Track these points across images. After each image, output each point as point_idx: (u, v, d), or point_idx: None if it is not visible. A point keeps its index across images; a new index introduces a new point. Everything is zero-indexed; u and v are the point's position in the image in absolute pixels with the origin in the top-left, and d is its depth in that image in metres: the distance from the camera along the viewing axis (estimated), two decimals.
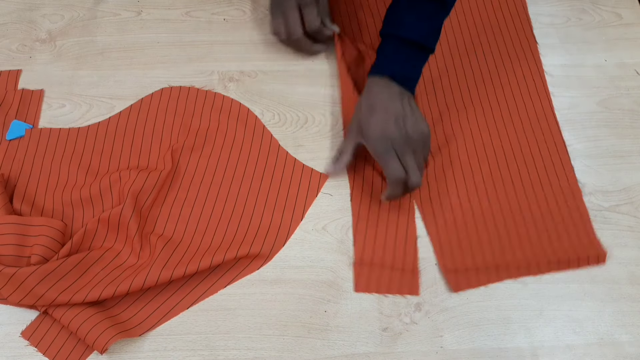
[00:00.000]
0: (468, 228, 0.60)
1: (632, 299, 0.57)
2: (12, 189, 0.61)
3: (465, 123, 0.66)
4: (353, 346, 0.54)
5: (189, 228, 0.60)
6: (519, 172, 0.63)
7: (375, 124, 0.56)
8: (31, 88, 0.68)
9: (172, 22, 0.74)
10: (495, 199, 0.61)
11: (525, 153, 0.64)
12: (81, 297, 0.52)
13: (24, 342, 0.53)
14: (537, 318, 0.56)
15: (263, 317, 0.55)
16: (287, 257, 0.58)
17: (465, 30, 0.74)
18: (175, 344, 0.54)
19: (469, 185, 0.62)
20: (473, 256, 0.58)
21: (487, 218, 0.60)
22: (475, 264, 0.58)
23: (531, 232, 0.59)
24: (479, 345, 0.54)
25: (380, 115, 0.55)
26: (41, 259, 0.54)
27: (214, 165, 0.63)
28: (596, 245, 0.59)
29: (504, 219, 0.60)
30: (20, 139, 0.65)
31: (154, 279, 0.54)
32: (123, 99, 0.68)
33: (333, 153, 0.64)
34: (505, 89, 0.68)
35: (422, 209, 0.61)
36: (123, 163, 0.63)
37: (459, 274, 0.57)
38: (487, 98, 0.68)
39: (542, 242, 0.59)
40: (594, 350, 0.54)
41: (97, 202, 0.60)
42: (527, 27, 0.74)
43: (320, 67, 0.71)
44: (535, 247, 0.58)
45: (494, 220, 0.60)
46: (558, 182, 0.62)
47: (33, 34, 0.73)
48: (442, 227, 0.60)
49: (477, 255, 0.58)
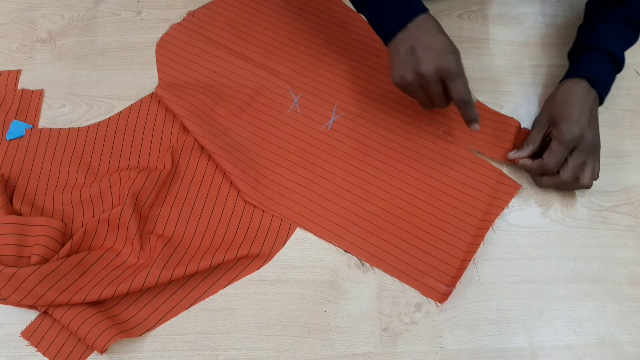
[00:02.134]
0: (412, 243, 0.59)
1: (632, 299, 0.57)
2: (12, 189, 0.61)
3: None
4: (353, 346, 0.54)
5: (189, 228, 0.60)
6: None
7: (571, 114, 0.59)
8: (31, 88, 0.68)
9: (172, 22, 0.74)
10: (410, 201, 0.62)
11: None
12: (81, 297, 0.52)
13: (24, 342, 0.53)
14: (537, 318, 0.56)
15: (263, 317, 0.55)
16: (287, 257, 0.58)
17: None
18: (175, 344, 0.54)
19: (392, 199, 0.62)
20: (433, 263, 0.58)
21: (418, 222, 0.60)
22: (440, 266, 0.58)
23: (456, 208, 0.61)
24: (479, 345, 0.54)
25: (577, 109, 0.59)
26: (41, 259, 0.54)
27: (214, 165, 0.63)
28: (504, 178, 0.63)
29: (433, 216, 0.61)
30: (20, 139, 0.65)
31: (154, 279, 0.54)
32: (123, 99, 0.68)
33: None
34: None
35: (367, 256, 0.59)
36: (123, 163, 0.63)
37: (437, 287, 0.57)
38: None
39: (468, 205, 0.61)
40: (594, 350, 0.54)
41: (97, 202, 0.60)
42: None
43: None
44: (464, 215, 0.60)
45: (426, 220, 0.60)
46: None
47: (33, 34, 0.73)
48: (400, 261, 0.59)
49: (435, 260, 0.58)
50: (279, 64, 0.70)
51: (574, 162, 0.59)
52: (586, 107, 0.60)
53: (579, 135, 0.58)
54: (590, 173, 0.60)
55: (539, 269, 0.58)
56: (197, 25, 0.73)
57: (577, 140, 0.58)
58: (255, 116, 0.66)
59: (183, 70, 0.70)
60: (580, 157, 0.59)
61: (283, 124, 0.66)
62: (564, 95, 0.61)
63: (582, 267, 0.59)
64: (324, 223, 0.60)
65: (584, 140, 0.58)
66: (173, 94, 0.66)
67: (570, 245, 0.60)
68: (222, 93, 0.68)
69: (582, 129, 0.58)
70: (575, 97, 0.60)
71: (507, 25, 0.75)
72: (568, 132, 0.58)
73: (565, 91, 0.62)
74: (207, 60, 0.70)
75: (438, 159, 0.64)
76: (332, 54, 0.71)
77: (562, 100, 0.61)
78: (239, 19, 0.74)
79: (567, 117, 0.59)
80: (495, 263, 0.59)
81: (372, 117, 0.66)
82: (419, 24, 0.57)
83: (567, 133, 0.58)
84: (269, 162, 0.63)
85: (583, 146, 0.59)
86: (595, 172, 0.61)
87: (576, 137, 0.58)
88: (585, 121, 0.59)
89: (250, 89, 0.68)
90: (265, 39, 0.72)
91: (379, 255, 0.58)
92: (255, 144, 0.64)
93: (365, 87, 0.69)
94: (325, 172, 0.63)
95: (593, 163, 0.60)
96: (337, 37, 0.72)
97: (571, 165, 0.59)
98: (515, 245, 0.60)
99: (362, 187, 0.62)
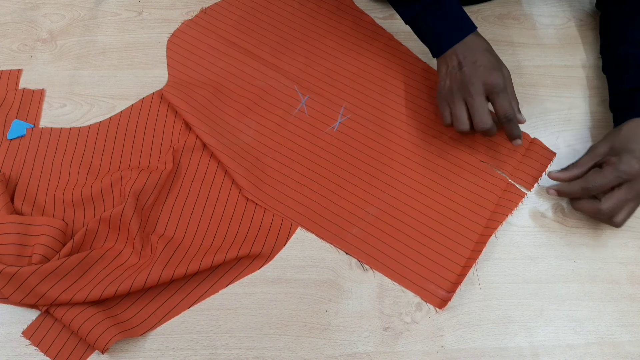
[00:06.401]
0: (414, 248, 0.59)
1: (632, 299, 0.57)
2: (13, 189, 0.61)
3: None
4: (354, 345, 0.54)
5: (190, 228, 0.60)
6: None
7: (636, 150, 0.56)
8: (32, 88, 0.68)
9: (173, 22, 0.74)
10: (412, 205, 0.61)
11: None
12: (82, 296, 0.52)
13: (25, 341, 0.53)
14: (537, 318, 0.56)
15: (264, 316, 0.55)
16: (288, 257, 0.58)
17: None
18: (176, 343, 0.54)
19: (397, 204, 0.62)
20: (434, 269, 0.58)
21: (420, 227, 0.60)
22: (442, 272, 0.58)
23: (458, 213, 0.61)
24: (480, 344, 0.54)
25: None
26: (42, 259, 0.54)
27: (215, 165, 0.63)
28: (509, 184, 0.62)
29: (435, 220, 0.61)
30: (21, 138, 0.65)
31: (155, 278, 0.54)
32: (124, 98, 0.68)
33: None
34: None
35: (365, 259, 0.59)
36: (124, 163, 0.63)
37: (437, 293, 0.57)
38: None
39: (471, 212, 0.61)
40: (594, 349, 0.55)
41: (98, 202, 0.60)
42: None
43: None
44: (468, 220, 0.60)
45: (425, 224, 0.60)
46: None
47: (34, 33, 0.73)
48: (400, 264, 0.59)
49: (436, 266, 0.58)
50: (288, 64, 0.70)
51: (620, 195, 0.56)
52: None
53: (637, 171, 0.55)
54: (626, 214, 0.57)
55: (539, 268, 0.59)
56: (209, 23, 0.74)
57: (633, 176, 0.55)
58: (263, 115, 0.66)
59: (192, 66, 0.70)
60: (628, 193, 0.56)
61: (289, 124, 0.66)
62: (632, 131, 0.58)
63: (582, 267, 0.59)
64: (325, 224, 0.60)
65: (638, 179, 0.55)
66: (180, 92, 0.66)
67: (570, 245, 0.60)
68: (230, 92, 0.68)
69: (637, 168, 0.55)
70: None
71: (507, 25, 0.75)
72: (627, 164, 0.55)
73: (634, 126, 0.58)
74: (216, 57, 0.71)
75: (443, 164, 0.64)
76: (341, 56, 0.71)
77: (629, 135, 0.58)
78: (250, 18, 0.74)
79: (630, 150, 0.56)
80: (496, 263, 0.59)
81: (378, 120, 0.66)
82: (469, 42, 0.59)
83: (625, 163, 0.55)
84: (274, 162, 0.63)
85: (635, 184, 0.56)
86: (630, 214, 0.57)
87: (634, 172, 0.55)
88: None
89: (259, 88, 0.68)
90: (276, 39, 0.72)
91: (380, 258, 0.58)
92: (261, 142, 0.65)
93: (373, 90, 0.69)
94: (329, 173, 0.63)
95: (634, 205, 0.57)
96: (347, 39, 0.72)
97: (616, 197, 0.56)
98: (515, 245, 0.60)
99: (365, 190, 0.62)
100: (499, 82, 0.57)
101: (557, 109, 0.69)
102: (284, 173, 0.63)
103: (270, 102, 0.67)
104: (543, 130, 0.67)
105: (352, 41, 0.72)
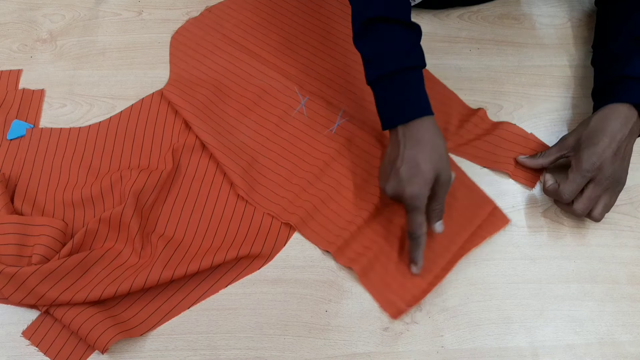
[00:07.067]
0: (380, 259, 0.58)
1: (632, 299, 0.57)
2: (13, 189, 0.61)
3: None
4: (354, 346, 0.54)
5: (190, 228, 0.60)
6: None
7: (597, 143, 0.56)
8: (32, 88, 0.68)
9: (173, 22, 0.74)
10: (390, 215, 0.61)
11: None
12: (82, 296, 0.52)
13: (25, 341, 0.53)
14: (537, 318, 0.56)
15: (264, 316, 0.55)
16: (288, 257, 0.58)
17: None
18: (176, 343, 0.54)
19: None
20: (400, 279, 0.57)
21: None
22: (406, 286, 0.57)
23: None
24: (480, 344, 0.54)
25: (606, 139, 0.56)
26: (42, 259, 0.54)
27: (215, 165, 0.63)
28: (490, 205, 0.61)
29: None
30: (21, 138, 0.65)
31: (155, 278, 0.54)
32: (124, 98, 0.68)
33: None
34: None
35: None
36: (124, 163, 0.63)
37: (396, 303, 0.56)
38: None
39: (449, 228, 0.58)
40: (594, 350, 0.55)
41: (98, 202, 0.60)
42: None
43: None
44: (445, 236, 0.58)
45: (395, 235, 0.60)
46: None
47: (34, 33, 0.73)
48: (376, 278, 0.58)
49: (402, 277, 0.57)
50: (289, 65, 0.70)
51: (589, 194, 0.56)
52: (617, 139, 0.56)
53: (597, 167, 0.55)
54: (602, 208, 0.57)
55: (539, 268, 0.59)
56: (213, 21, 0.74)
57: (595, 172, 0.56)
58: (262, 115, 0.66)
59: (195, 64, 0.70)
60: (596, 190, 0.56)
61: (288, 124, 0.66)
62: (599, 121, 0.58)
63: (582, 267, 0.59)
64: (316, 227, 0.59)
65: (602, 173, 0.55)
66: (181, 90, 0.66)
67: (570, 245, 0.60)
68: (230, 91, 0.68)
69: (602, 161, 0.55)
70: (610, 125, 0.57)
71: (507, 25, 0.75)
72: (587, 162, 0.56)
73: (602, 116, 0.58)
74: (219, 56, 0.71)
75: None
76: (343, 59, 0.71)
77: (595, 126, 0.57)
78: (254, 17, 0.74)
79: (591, 145, 0.56)
80: (496, 263, 0.59)
81: (376, 125, 0.66)
82: (419, 126, 0.54)
83: (585, 162, 0.56)
84: (270, 162, 0.63)
85: (601, 179, 0.56)
86: (608, 207, 0.58)
87: (594, 169, 0.55)
88: (610, 154, 0.55)
89: (259, 87, 0.68)
90: (279, 39, 0.72)
91: (359, 260, 0.57)
92: (258, 142, 0.65)
93: (372, 95, 0.68)
94: (325, 175, 0.63)
95: (609, 198, 0.57)
96: (349, 42, 0.72)
97: (586, 198, 0.56)
98: (515, 245, 0.60)
99: (357, 195, 0.61)
100: (418, 201, 0.53)
101: (557, 109, 0.69)
102: (279, 173, 0.63)
103: (270, 102, 0.67)
104: (543, 130, 0.67)
105: (354, 45, 0.72)
